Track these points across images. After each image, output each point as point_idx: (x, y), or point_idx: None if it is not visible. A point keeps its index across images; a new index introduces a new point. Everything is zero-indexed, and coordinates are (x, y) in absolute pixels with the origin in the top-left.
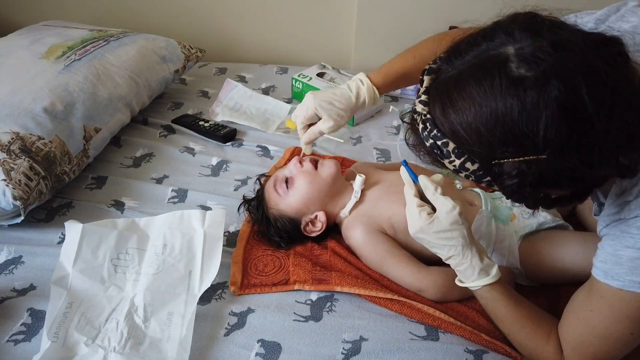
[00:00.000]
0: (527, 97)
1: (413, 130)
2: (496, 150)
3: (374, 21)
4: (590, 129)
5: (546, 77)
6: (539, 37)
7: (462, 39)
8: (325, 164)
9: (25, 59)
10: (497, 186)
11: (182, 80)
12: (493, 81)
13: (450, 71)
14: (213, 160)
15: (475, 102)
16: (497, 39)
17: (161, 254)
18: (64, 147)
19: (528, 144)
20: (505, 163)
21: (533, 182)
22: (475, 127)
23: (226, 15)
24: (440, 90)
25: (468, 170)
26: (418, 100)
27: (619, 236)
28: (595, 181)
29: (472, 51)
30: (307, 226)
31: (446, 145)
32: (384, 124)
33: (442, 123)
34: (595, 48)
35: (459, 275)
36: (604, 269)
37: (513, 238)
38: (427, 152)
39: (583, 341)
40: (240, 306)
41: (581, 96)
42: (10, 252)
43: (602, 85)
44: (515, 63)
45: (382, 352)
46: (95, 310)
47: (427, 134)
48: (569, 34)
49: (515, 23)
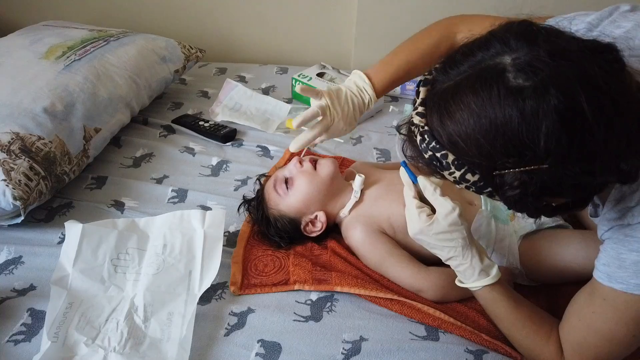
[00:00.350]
0: (526, 107)
1: (410, 142)
2: (497, 161)
3: (374, 21)
4: (590, 137)
5: (544, 86)
6: (535, 46)
7: (457, 49)
8: (322, 163)
9: (25, 59)
10: (498, 196)
11: (182, 80)
12: (491, 91)
13: (446, 82)
14: (213, 160)
15: (474, 112)
16: (493, 48)
17: (161, 254)
18: (64, 147)
19: (529, 154)
20: (506, 174)
21: (535, 191)
22: (474, 138)
23: (226, 15)
24: (437, 102)
25: (469, 181)
26: (415, 112)
27: (622, 240)
28: (596, 188)
29: (468, 61)
30: (307, 226)
31: (445, 157)
32: (384, 124)
33: (440, 134)
34: (591, 55)
35: (459, 276)
36: (607, 272)
37: (513, 238)
38: (426, 164)
39: (584, 343)
40: (240, 306)
41: (580, 104)
42: (10, 252)
43: (600, 93)
44: (512, 73)
45: (382, 352)
46: (95, 311)
47: (426, 145)
48: (565, 42)
49: (510, 32)
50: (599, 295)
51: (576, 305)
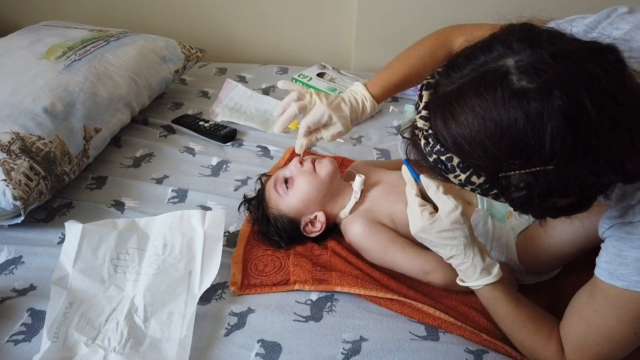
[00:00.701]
0: (530, 109)
1: (414, 145)
2: (502, 163)
3: (374, 21)
4: (595, 137)
5: (548, 87)
6: (537, 48)
7: (458, 52)
8: (322, 162)
9: (26, 59)
10: (504, 198)
11: (182, 80)
12: (495, 94)
13: (449, 85)
14: (213, 160)
15: (479, 115)
16: (495, 51)
17: (161, 254)
18: (64, 147)
19: (535, 156)
20: (512, 175)
21: (541, 192)
22: (479, 140)
23: (226, 15)
24: (441, 105)
25: (474, 184)
26: (418, 116)
27: (624, 237)
28: (601, 188)
29: (471, 64)
30: (306, 226)
31: (450, 160)
32: (384, 124)
33: (444, 138)
34: (593, 56)
35: (461, 275)
36: (608, 270)
37: (510, 235)
38: (431, 167)
39: (586, 341)
40: (240, 306)
41: (584, 105)
42: (10, 252)
43: (603, 93)
44: (516, 75)
45: (382, 352)
46: (96, 311)
47: (430, 149)
48: (567, 44)
49: (512, 35)
50: (600, 293)
51: (577, 303)
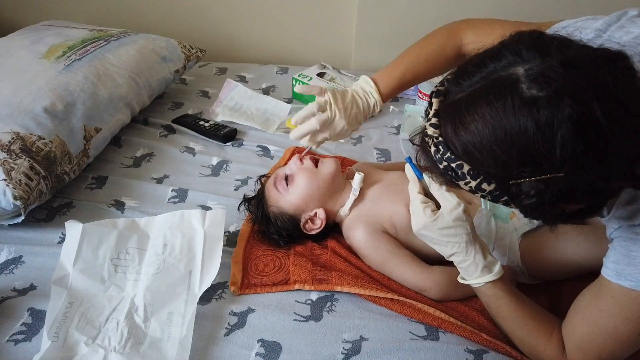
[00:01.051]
0: (540, 117)
1: (424, 152)
2: (513, 171)
3: (374, 21)
4: (605, 144)
5: (558, 96)
6: (547, 57)
7: (468, 60)
8: (325, 162)
9: (26, 59)
10: (514, 205)
11: (183, 80)
12: (505, 102)
13: (459, 93)
14: (213, 160)
15: (489, 123)
16: (505, 59)
17: (161, 253)
18: (64, 147)
19: (545, 164)
20: (522, 183)
21: (551, 199)
22: (490, 148)
23: (226, 15)
24: (451, 113)
25: (485, 190)
26: (428, 124)
27: (632, 238)
28: (611, 193)
29: (480, 72)
30: (306, 224)
31: (461, 167)
32: (384, 124)
33: (455, 145)
34: (603, 64)
35: (462, 273)
36: (616, 270)
37: (513, 235)
38: (441, 174)
39: (588, 340)
40: (241, 306)
41: (594, 112)
42: (10, 251)
43: (613, 100)
44: (526, 84)
45: (382, 352)
46: (96, 310)
47: (440, 156)
48: (576, 52)
49: (522, 43)
50: (607, 292)
51: (581, 303)
